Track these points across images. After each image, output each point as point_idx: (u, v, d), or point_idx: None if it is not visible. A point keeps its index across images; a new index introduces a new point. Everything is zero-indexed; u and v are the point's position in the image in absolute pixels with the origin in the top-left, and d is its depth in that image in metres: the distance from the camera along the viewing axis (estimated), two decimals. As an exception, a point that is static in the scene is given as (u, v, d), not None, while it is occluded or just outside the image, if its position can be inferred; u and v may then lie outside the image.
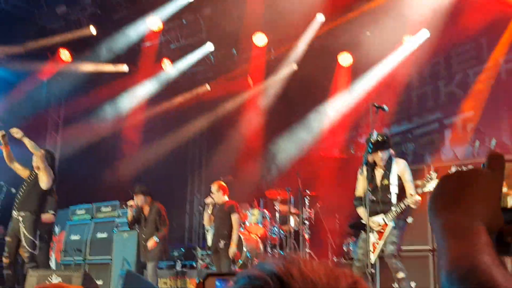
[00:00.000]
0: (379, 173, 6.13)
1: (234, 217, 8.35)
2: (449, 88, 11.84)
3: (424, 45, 11.44)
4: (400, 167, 6.11)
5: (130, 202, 8.66)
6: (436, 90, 12.08)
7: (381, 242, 5.94)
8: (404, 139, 12.45)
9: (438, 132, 11.95)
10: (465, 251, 0.77)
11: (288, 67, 13.15)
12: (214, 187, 8.48)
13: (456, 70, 11.76)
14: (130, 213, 8.69)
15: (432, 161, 11.19)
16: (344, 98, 12.86)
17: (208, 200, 8.57)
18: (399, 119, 12.50)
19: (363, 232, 6.09)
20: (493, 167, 0.90)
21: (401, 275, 5.75)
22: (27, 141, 7.37)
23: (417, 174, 6.07)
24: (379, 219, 5.96)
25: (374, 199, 5.96)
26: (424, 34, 11.27)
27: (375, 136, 5.93)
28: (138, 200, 8.61)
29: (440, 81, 12.07)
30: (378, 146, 5.98)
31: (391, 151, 6.20)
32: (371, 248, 5.86)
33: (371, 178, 6.04)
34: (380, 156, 6.04)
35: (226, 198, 8.49)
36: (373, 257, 5.86)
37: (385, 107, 5.92)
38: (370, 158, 6.09)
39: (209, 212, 8.59)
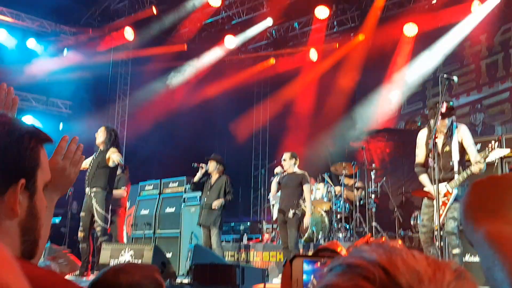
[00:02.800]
0: (440, 140, 5.93)
1: (307, 187, 8.10)
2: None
3: (494, 10, 10.96)
4: (460, 131, 5.89)
5: (202, 165, 8.75)
6: (507, 58, 11.57)
7: (445, 209, 5.77)
8: (473, 110, 12.05)
9: (509, 101, 11.48)
10: None
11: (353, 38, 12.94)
12: (287, 155, 8.31)
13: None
14: (198, 174, 8.79)
15: (503, 132, 10.79)
16: (411, 69, 12.55)
17: (278, 169, 8.36)
18: (468, 89, 12.09)
19: (426, 198, 5.97)
20: None
21: (456, 251, 5.60)
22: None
23: (486, 146, 5.81)
24: (441, 186, 5.78)
25: (436, 166, 5.76)
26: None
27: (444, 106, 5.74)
28: (211, 166, 8.68)
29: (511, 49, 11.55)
30: (446, 112, 5.78)
31: (454, 117, 5.98)
32: (436, 214, 5.72)
33: (433, 145, 5.83)
34: (445, 123, 5.84)
35: (297, 168, 8.35)
36: (437, 221, 5.69)
37: (455, 78, 5.71)
38: (432, 124, 5.88)
39: (276, 181, 8.39)
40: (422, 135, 6.10)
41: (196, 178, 8.80)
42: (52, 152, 1.51)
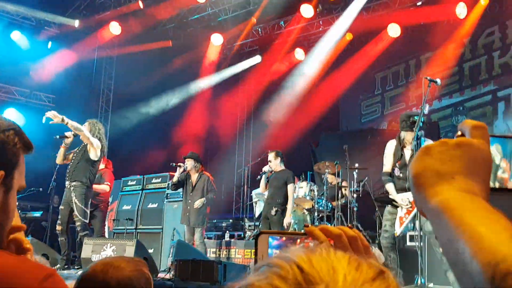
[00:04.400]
0: (408, 151, 6.12)
1: (290, 187, 8.32)
2: (504, 59, 11.49)
3: (477, 13, 11.12)
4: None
5: (180, 164, 8.73)
6: (490, 61, 11.73)
7: (409, 218, 5.95)
8: (455, 112, 12.20)
9: (491, 104, 11.65)
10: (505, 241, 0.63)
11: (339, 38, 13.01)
12: (271, 155, 8.51)
13: (511, 41, 11.37)
14: (177, 174, 8.80)
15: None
16: (393, 70, 12.67)
17: (266, 168, 8.57)
18: (451, 91, 12.23)
19: (389, 205, 6.17)
20: (480, 137, 0.79)
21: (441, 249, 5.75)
22: (69, 125, 7.51)
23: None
24: (408, 195, 5.94)
25: (402, 176, 5.97)
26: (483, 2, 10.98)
27: (425, 111, 5.85)
28: (188, 164, 8.70)
29: (494, 52, 11.71)
30: (413, 125, 5.91)
31: (423, 132, 6.10)
32: (399, 222, 5.92)
33: (400, 155, 6.06)
34: (413, 135, 5.96)
35: (283, 166, 8.53)
36: (399, 230, 5.93)
37: (438, 80, 5.81)
38: (402, 135, 6.08)
39: (265, 180, 8.58)
40: (391, 145, 6.35)
41: (175, 179, 8.82)
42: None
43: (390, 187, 6.24)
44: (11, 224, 1.28)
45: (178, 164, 8.76)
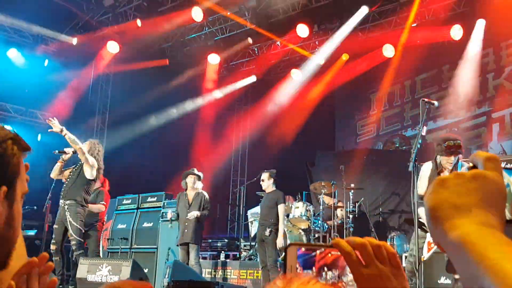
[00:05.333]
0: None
1: (281, 207, 8.31)
2: (498, 81, 11.58)
3: (474, 36, 11.24)
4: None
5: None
6: (484, 83, 11.82)
7: (435, 247, 5.89)
8: (450, 133, 12.24)
9: (486, 126, 11.71)
10: None
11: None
12: (265, 175, 8.50)
13: (505, 63, 11.48)
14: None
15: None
16: (389, 91, 12.76)
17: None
18: (446, 112, 12.30)
19: (419, 229, 6.08)
20: (493, 169, 0.79)
21: (458, 275, 5.70)
22: (67, 136, 7.46)
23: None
24: None
25: None
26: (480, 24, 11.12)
27: (422, 133, 5.85)
28: (189, 181, 8.63)
29: (489, 74, 11.81)
30: (452, 150, 5.84)
31: (460, 155, 6.05)
32: (427, 247, 5.84)
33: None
34: (452, 160, 5.91)
35: (275, 187, 8.51)
36: (426, 255, 5.84)
37: (435, 102, 5.82)
38: (438, 160, 5.96)
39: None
40: (426, 167, 6.10)
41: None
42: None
43: (421, 210, 6.17)
44: (19, 235, 1.26)
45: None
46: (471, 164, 0.84)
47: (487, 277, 0.64)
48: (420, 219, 6.17)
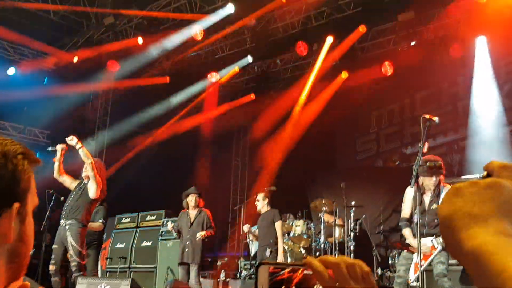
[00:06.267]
0: (427, 197, 6.10)
1: (278, 224, 8.30)
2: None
3: (471, 54, 11.28)
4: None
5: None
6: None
7: (425, 264, 5.86)
8: (450, 150, 12.21)
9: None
10: None
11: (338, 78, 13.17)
12: (260, 196, 8.48)
13: (505, 81, 11.49)
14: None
15: (480, 173, 10.90)
16: (389, 108, 12.76)
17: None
18: (445, 130, 12.28)
19: (405, 251, 6.12)
20: (508, 177, 0.77)
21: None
22: (81, 149, 7.39)
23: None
24: (426, 241, 5.90)
25: (421, 221, 5.91)
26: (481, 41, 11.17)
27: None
28: (192, 200, 8.60)
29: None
30: (434, 171, 5.90)
31: (442, 176, 6.11)
32: (413, 268, 5.87)
33: (420, 201, 5.99)
34: (433, 181, 5.96)
35: (269, 207, 8.51)
36: (413, 276, 5.84)
37: (436, 119, 5.77)
38: (420, 181, 5.99)
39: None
40: (410, 191, 6.22)
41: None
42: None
43: (407, 232, 6.20)
44: (30, 251, 1.25)
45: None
46: (485, 173, 0.82)
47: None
48: (406, 241, 6.21)
